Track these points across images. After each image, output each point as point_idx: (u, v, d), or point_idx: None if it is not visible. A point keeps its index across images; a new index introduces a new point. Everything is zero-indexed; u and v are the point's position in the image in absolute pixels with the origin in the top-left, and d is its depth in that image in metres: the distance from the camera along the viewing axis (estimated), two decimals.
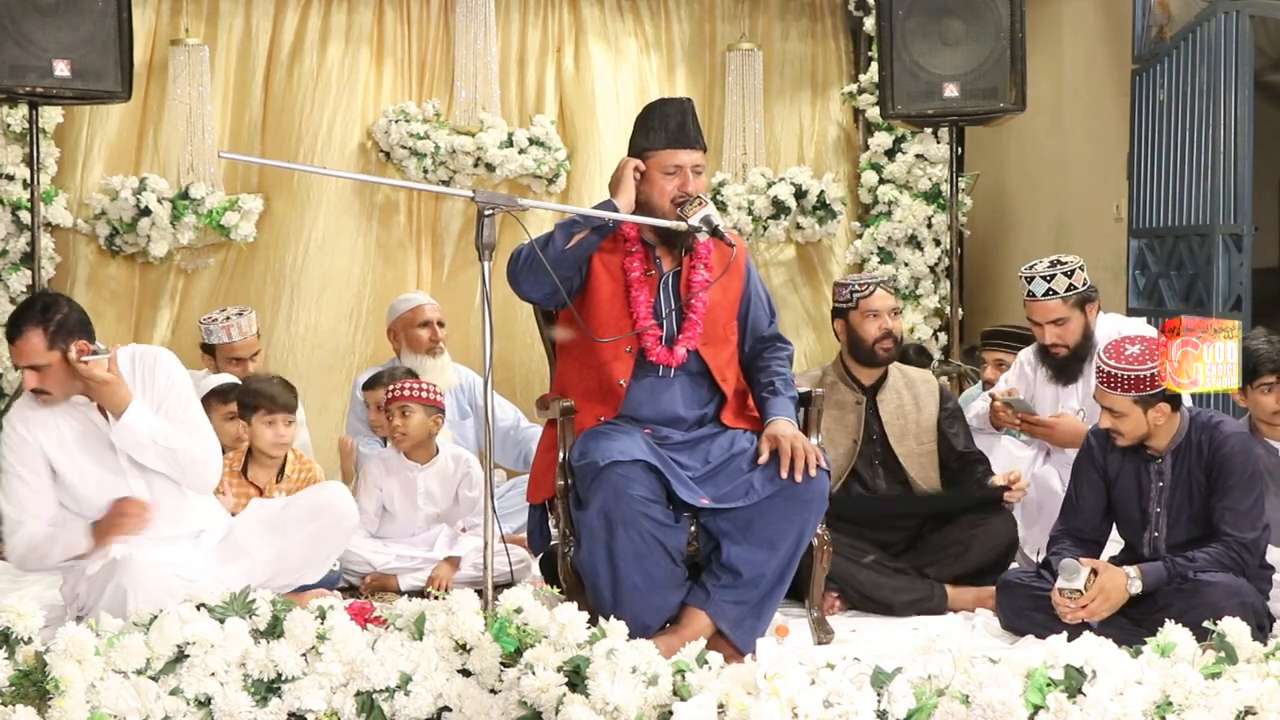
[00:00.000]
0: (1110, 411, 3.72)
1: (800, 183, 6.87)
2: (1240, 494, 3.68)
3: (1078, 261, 4.40)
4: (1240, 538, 3.65)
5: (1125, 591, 3.59)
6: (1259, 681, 2.87)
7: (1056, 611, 3.62)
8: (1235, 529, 3.66)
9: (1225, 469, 3.70)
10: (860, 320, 4.29)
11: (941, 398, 4.40)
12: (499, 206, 3.43)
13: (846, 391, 4.34)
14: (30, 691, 2.91)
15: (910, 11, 6.00)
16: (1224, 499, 3.69)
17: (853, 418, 4.32)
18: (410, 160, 6.47)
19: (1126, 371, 3.66)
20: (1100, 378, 3.73)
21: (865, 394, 4.33)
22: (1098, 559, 3.80)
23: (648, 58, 6.92)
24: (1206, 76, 6.02)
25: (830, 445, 4.27)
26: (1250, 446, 3.80)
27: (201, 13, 6.43)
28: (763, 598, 3.59)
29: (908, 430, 4.32)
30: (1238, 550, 3.64)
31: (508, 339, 6.10)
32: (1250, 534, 3.66)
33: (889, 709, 2.80)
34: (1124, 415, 3.71)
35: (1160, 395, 3.68)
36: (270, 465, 4.42)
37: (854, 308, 4.30)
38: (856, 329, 4.30)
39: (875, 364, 4.32)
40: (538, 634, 3.03)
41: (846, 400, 4.33)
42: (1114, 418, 3.72)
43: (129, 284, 6.49)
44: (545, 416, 3.81)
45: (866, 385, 4.35)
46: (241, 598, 3.15)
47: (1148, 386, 3.65)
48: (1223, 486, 3.70)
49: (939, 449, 4.36)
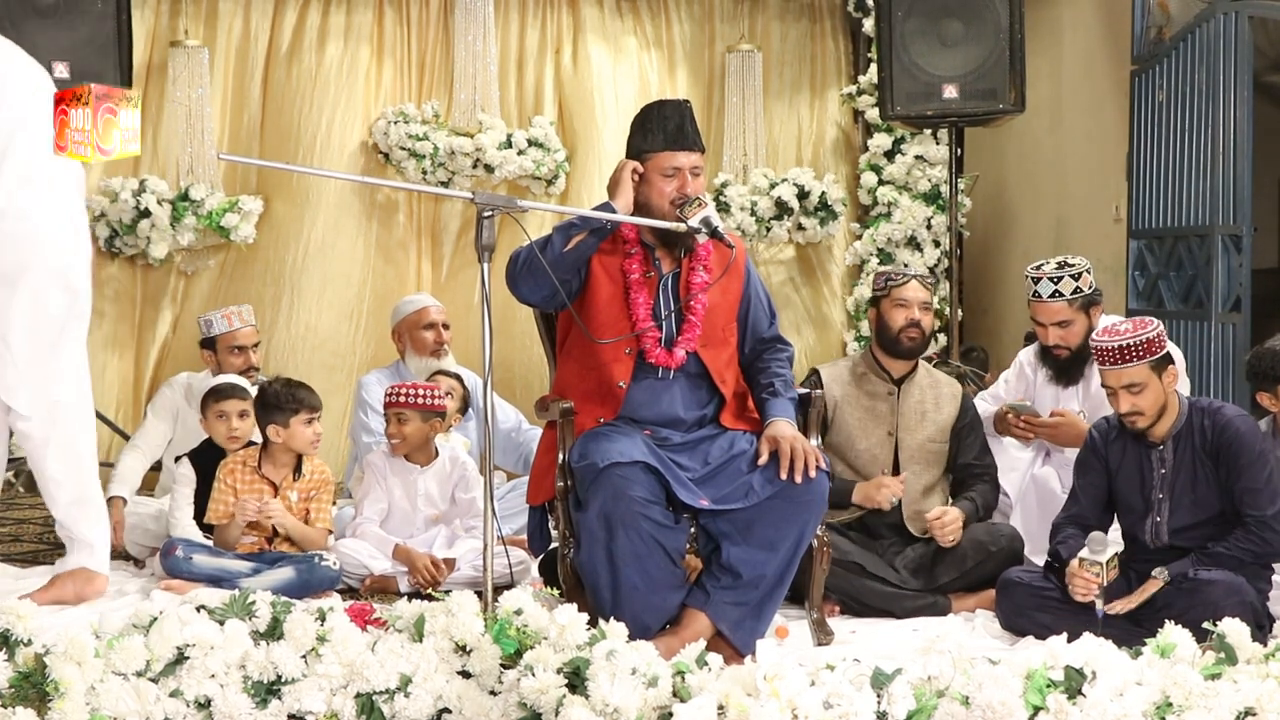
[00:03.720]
0: (1128, 390, 3.71)
1: (803, 184, 6.88)
2: (1254, 472, 3.71)
3: (1085, 264, 4.40)
4: (1261, 515, 3.69)
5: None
6: (1259, 682, 2.87)
7: (1069, 585, 3.62)
8: (1256, 508, 3.69)
9: (1234, 450, 3.72)
10: (889, 308, 4.31)
11: (963, 406, 4.40)
12: (498, 208, 3.43)
13: (878, 382, 4.35)
14: (30, 693, 2.91)
15: (910, 13, 6.01)
16: (1239, 480, 3.72)
17: (885, 407, 4.32)
18: (409, 161, 6.47)
19: (1135, 339, 3.68)
20: (1110, 357, 3.70)
21: (896, 385, 4.34)
22: None
23: (648, 58, 6.92)
24: (1206, 77, 6.02)
25: (863, 436, 4.28)
26: (1253, 425, 3.83)
27: (200, 14, 6.44)
28: (762, 599, 3.59)
29: (924, 424, 4.33)
30: (1259, 529, 3.68)
31: (507, 340, 6.11)
32: (1271, 509, 3.70)
33: (889, 710, 2.80)
34: (1144, 386, 3.71)
35: (1167, 356, 3.72)
36: (285, 464, 4.44)
37: (886, 295, 4.33)
38: (885, 316, 4.33)
39: (900, 354, 4.32)
40: (537, 635, 3.03)
41: (879, 390, 4.34)
42: (1133, 395, 3.71)
43: (129, 286, 6.50)
44: (545, 418, 3.81)
45: (896, 377, 4.36)
46: (242, 599, 3.15)
47: (1158, 348, 3.69)
48: (1235, 469, 3.72)
49: (949, 455, 4.36)
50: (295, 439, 4.41)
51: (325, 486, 4.51)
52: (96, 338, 6.45)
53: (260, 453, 4.47)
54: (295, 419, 4.39)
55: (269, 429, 4.41)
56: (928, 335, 4.36)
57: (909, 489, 4.26)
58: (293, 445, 4.42)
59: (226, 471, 4.43)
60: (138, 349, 6.55)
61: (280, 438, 4.40)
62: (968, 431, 4.39)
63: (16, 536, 5.17)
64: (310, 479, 4.48)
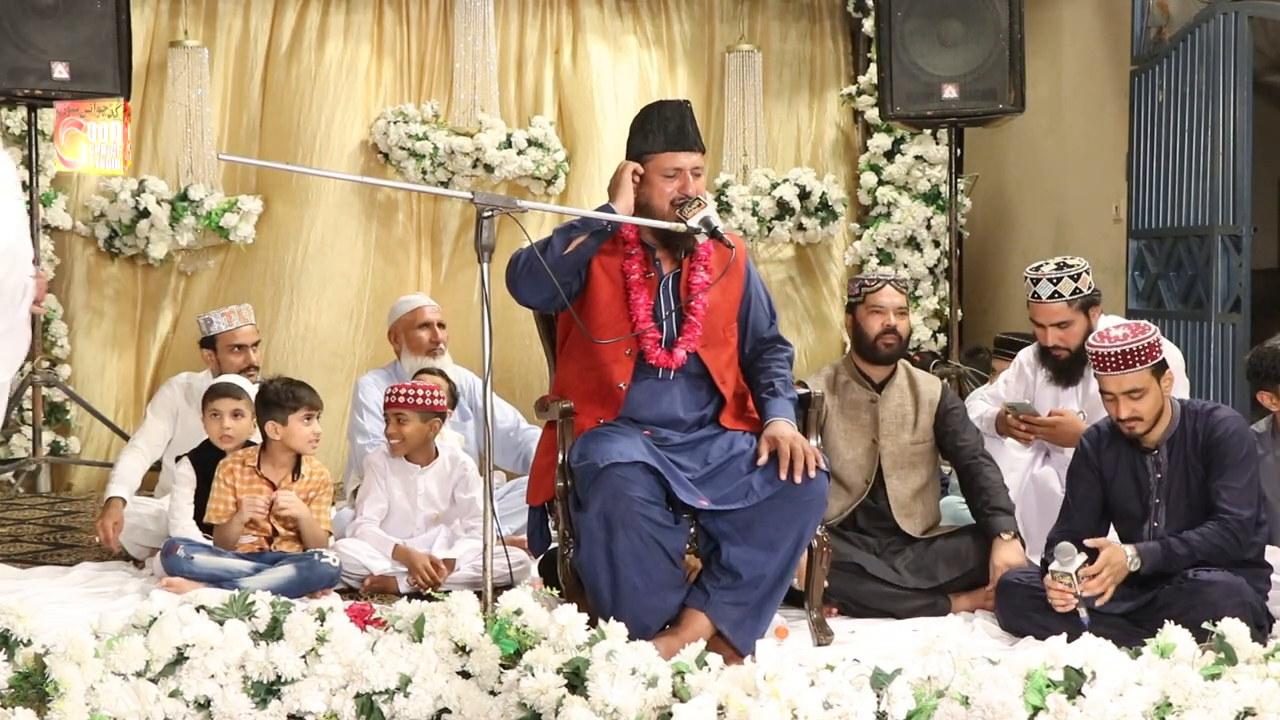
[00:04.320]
0: (1129, 395, 3.70)
1: (804, 184, 6.88)
2: (1236, 472, 3.71)
3: (1084, 265, 4.40)
4: (1237, 515, 3.68)
5: (1126, 568, 3.60)
6: (1258, 682, 2.87)
7: (1048, 597, 3.62)
8: (1232, 506, 3.68)
9: (1221, 449, 3.73)
10: (865, 315, 4.31)
11: (944, 399, 4.39)
12: (498, 208, 3.43)
13: (860, 390, 4.34)
14: (30, 694, 2.91)
15: (909, 13, 6.01)
16: (1220, 478, 3.72)
17: (868, 417, 4.32)
18: (409, 161, 6.47)
19: (1136, 343, 3.67)
20: (1111, 363, 3.68)
21: (877, 391, 4.34)
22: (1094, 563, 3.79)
23: (647, 58, 6.92)
24: (1205, 77, 6.02)
25: (849, 446, 4.28)
26: (1244, 429, 3.83)
27: (200, 14, 6.44)
28: (762, 599, 3.58)
29: (905, 428, 4.32)
30: (1234, 529, 3.67)
31: (506, 340, 6.11)
32: (1246, 511, 3.70)
33: (888, 710, 2.80)
34: (1144, 392, 3.70)
35: (1164, 361, 3.73)
36: (284, 464, 4.44)
37: (861, 302, 4.33)
38: (861, 323, 4.32)
39: (878, 360, 4.32)
40: (537, 636, 3.03)
41: (861, 399, 4.33)
42: (1133, 401, 3.71)
43: (129, 286, 6.50)
44: (544, 418, 3.80)
45: (877, 382, 4.35)
46: (241, 599, 3.15)
47: (1157, 353, 3.70)
48: (1219, 466, 3.73)
49: (946, 451, 4.36)
50: (294, 437, 4.41)
51: (324, 487, 4.51)
52: (96, 337, 6.46)
53: (259, 453, 4.47)
54: (294, 416, 4.39)
55: (268, 426, 4.41)
56: (904, 340, 4.35)
57: (897, 493, 4.27)
58: (291, 444, 4.42)
59: (226, 472, 4.43)
60: (138, 349, 6.55)
61: (279, 435, 4.40)
62: (950, 419, 4.36)
63: (16, 537, 5.17)
64: (309, 480, 4.48)
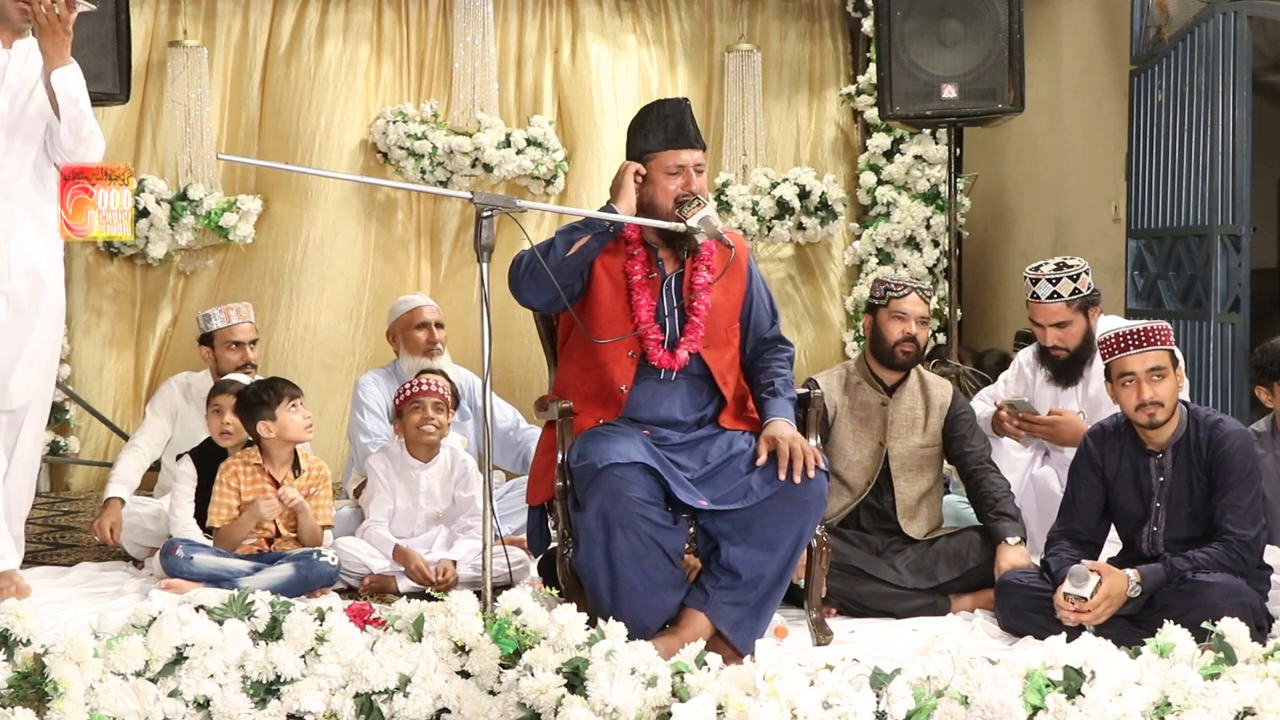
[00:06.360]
0: (1153, 373, 3.71)
1: (804, 183, 6.88)
2: (1241, 491, 3.70)
3: (1084, 265, 4.40)
4: (1242, 535, 3.66)
5: (1125, 596, 3.59)
6: (1258, 682, 2.87)
7: (1057, 613, 3.62)
8: (1237, 526, 3.67)
9: (1226, 466, 3.71)
10: (886, 319, 4.31)
11: (955, 404, 4.39)
12: (497, 208, 3.43)
13: (871, 391, 4.34)
14: (29, 693, 2.91)
15: (909, 13, 6.01)
16: (1225, 496, 3.70)
17: (877, 419, 4.31)
18: (408, 161, 6.47)
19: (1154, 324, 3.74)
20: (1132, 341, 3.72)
21: (889, 393, 4.34)
22: (1095, 560, 3.80)
23: (647, 57, 6.92)
24: (1205, 77, 6.02)
25: (856, 448, 4.28)
26: (1250, 444, 3.80)
27: (199, 14, 6.44)
28: (762, 599, 3.58)
29: (914, 431, 4.32)
30: (1239, 549, 3.65)
31: (506, 339, 6.11)
32: (1251, 531, 3.68)
33: (888, 710, 2.80)
34: (1165, 373, 3.73)
35: (1176, 354, 3.78)
36: (284, 461, 4.45)
37: (884, 305, 4.32)
38: (881, 327, 4.32)
39: (894, 366, 4.32)
40: (537, 635, 3.03)
41: (871, 400, 4.33)
42: (1155, 382, 3.71)
43: (128, 285, 6.50)
44: (544, 418, 3.80)
45: (889, 385, 4.35)
46: (240, 599, 3.16)
47: (1172, 340, 3.77)
48: (1223, 484, 3.71)
49: (952, 455, 4.36)
50: (288, 428, 4.40)
51: (324, 483, 4.52)
52: (95, 337, 6.46)
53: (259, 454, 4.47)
54: (280, 408, 4.39)
55: (259, 427, 4.40)
56: (922, 349, 4.35)
57: (904, 495, 4.27)
58: (287, 435, 4.42)
59: (229, 474, 4.42)
60: (137, 348, 6.55)
61: (273, 432, 4.40)
62: (961, 422, 4.36)
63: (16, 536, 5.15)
64: (309, 475, 4.49)
